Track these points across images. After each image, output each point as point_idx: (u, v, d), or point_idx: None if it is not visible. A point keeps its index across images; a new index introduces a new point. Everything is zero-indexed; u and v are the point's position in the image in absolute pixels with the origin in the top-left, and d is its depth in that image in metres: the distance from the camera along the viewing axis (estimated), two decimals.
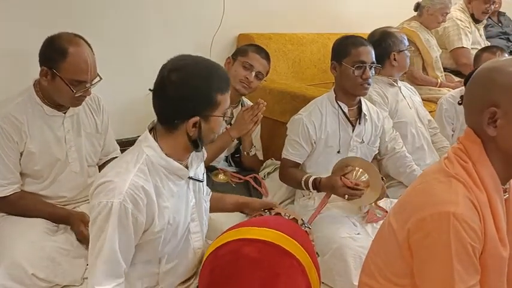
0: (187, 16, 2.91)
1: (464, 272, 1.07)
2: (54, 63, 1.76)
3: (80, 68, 1.78)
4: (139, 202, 1.33)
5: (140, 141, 1.43)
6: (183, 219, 1.48)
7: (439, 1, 3.42)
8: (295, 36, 3.40)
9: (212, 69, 1.42)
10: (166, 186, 1.41)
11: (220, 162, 2.52)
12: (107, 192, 1.31)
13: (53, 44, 1.78)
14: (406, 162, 2.39)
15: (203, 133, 1.40)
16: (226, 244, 1.44)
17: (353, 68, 2.09)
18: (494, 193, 1.13)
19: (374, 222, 2.09)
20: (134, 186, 1.32)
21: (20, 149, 1.83)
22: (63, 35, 1.80)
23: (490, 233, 1.10)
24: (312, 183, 2.08)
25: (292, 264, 1.39)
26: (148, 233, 1.39)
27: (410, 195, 1.21)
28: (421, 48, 3.42)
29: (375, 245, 1.31)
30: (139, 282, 1.48)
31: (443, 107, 2.79)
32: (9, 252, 1.70)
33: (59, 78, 1.77)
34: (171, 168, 1.42)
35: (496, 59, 1.21)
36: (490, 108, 1.11)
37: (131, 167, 1.35)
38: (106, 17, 2.56)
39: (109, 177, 1.33)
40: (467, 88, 1.20)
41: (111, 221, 1.29)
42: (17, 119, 1.81)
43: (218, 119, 1.42)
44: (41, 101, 1.86)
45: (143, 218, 1.34)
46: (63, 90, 1.79)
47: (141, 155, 1.38)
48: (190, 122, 1.37)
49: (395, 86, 2.58)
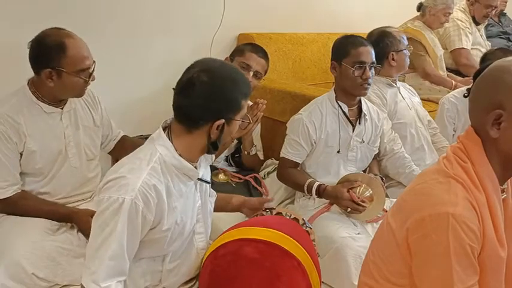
0: (188, 16, 2.91)
1: (462, 273, 1.07)
2: (56, 62, 1.75)
3: (81, 56, 1.79)
4: (151, 201, 1.32)
5: (153, 139, 1.43)
6: (190, 219, 1.48)
7: (442, 1, 3.42)
8: (295, 36, 3.40)
9: (238, 74, 1.45)
10: (176, 186, 1.41)
11: (220, 163, 2.52)
12: (119, 188, 1.30)
13: (45, 44, 1.76)
14: (405, 163, 2.40)
15: (223, 136, 1.41)
16: (227, 244, 1.44)
17: (353, 68, 2.09)
18: (493, 193, 1.13)
19: (374, 222, 2.09)
20: (147, 185, 1.32)
21: (19, 150, 1.82)
22: (48, 32, 1.79)
23: (488, 233, 1.10)
24: (315, 190, 2.09)
25: (293, 264, 1.39)
26: (155, 231, 1.38)
27: (409, 195, 1.21)
28: (427, 46, 3.42)
29: (373, 245, 1.31)
30: (142, 280, 1.48)
31: (445, 107, 2.79)
32: (9, 252, 1.70)
33: (65, 74, 1.77)
34: (183, 169, 1.41)
35: (507, 58, 1.18)
36: (496, 111, 1.10)
37: (144, 165, 1.35)
38: (106, 17, 2.56)
39: (122, 173, 1.32)
40: (476, 82, 1.18)
41: (121, 217, 1.28)
42: (14, 120, 1.80)
43: (237, 123, 1.44)
44: (37, 100, 1.85)
45: (152, 216, 1.34)
46: (74, 84, 1.80)
47: (154, 153, 1.38)
48: (215, 124, 1.37)
49: (394, 86, 2.57)
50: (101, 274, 1.29)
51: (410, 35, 3.37)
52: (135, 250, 1.37)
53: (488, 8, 3.74)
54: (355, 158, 2.24)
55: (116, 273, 1.31)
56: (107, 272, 1.29)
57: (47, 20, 2.18)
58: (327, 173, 2.21)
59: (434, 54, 3.45)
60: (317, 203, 2.17)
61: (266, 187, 2.43)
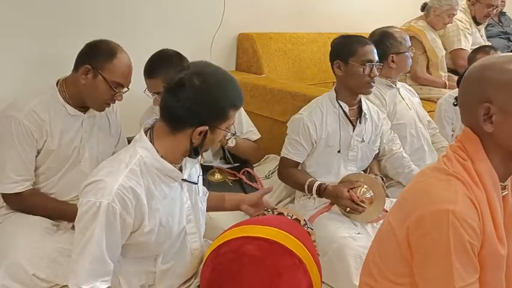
0: (187, 16, 2.91)
1: (463, 270, 1.07)
2: (100, 63, 1.79)
3: (123, 71, 1.83)
4: (128, 203, 1.32)
5: (135, 141, 1.43)
6: (177, 221, 1.47)
7: (446, 2, 3.42)
8: (296, 35, 3.41)
9: (231, 83, 1.42)
10: (158, 188, 1.40)
11: (216, 161, 2.48)
12: (96, 192, 1.31)
13: (100, 46, 1.83)
14: (404, 163, 2.39)
15: (205, 142, 1.40)
16: (228, 242, 1.44)
17: (363, 66, 2.09)
18: (493, 191, 1.13)
19: (374, 222, 2.09)
20: (124, 188, 1.32)
21: (38, 147, 1.84)
22: (107, 41, 1.86)
23: (488, 230, 1.10)
24: (316, 189, 2.09)
25: (294, 263, 1.39)
26: (137, 234, 1.39)
27: (409, 193, 1.21)
28: (428, 47, 3.42)
29: (374, 244, 1.31)
30: (136, 279, 1.49)
31: (442, 107, 2.79)
32: (9, 252, 1.70)
33: (101, 77, 1.80)
34: (165, 170, 1.41)
35: (486, 57, 1.21)
36: (483, 104, 1.11)
37: (123, 168, 1.35)
38: (106, 17, 2.57)
39: (100, 177, 1.33)
40: (460, 87, 1.20)
41: (98, 221, 1.29)
42: (39, 116, 1.82)
43: (222, 132, 1.42)
44: (63, 101, 1.88)
45: (131, 219, 1.34)
46: (101, 90, 1.82)
47: (134, 156, 1.38)
48: (198, 129, 1.36)
49: (393, 87, 2.56)
50: (83, 277, 1.31)
51: (413, 33, 3.38)
52: (118, 253, 1.37)
53: (489, 7, 3.75)
54: (355, 157, 2.24)
55: (99, 275, 1.32)
56: (89, 274, 1.31)
57: (46, 18, 2.19)
58: (328, 172, 2.21)
59: (435, 55, 3.45)
60: (317, 203, 2.18)
61: (260, 180, 2.41)
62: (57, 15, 2.39)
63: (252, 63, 3.18)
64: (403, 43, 2.52)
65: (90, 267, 1.31)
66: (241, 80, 2.95)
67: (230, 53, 3.24)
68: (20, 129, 1.79)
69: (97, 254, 1.31)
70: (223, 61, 3.16)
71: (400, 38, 2.53)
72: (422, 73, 3.43)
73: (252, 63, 3.18)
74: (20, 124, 1.78)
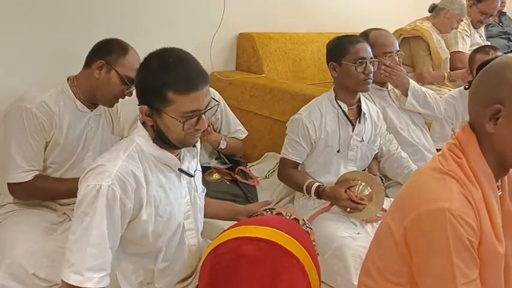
0: (188, 15, 2.91)
1: (464, 266, 1.06)
2: (113, 58, 1.85)
3: (135, 66, 1.82)
4: (128, 187, 1.33)
5: (134, 131, 1.46)
6: (176, 212, 1.48)
7: (459, 6, 3.42)
8: (296, 35, 3.41)
9: (180, 66, 1.35)
10: (155, 176, 1.41)
11: (213, 161, 2.49)
12: (96, 176, 1.31)
13: (112, 42, 1.89)
14: (403, 163, 2.38)
15: (161, 128, 1.39)
16: (227, 242, 1.44)
17: (355, 64, 2.09)
18: (489, 189, 1.13)
19: (374, 222, 2.09)
20: (124, 170, 1.32)
21: (46, 139, 1.86)
22: (118, 39, 1.92)
23: (485, 228, 1.10)
24: (314, 190, 2.10)
25: (293, 263, 1.39)
26: (135, 223, 1.38)
27: (405, 193, 1.21)
28: (433, 48, 3.41)
29: (373, 245, 1.31)
30: (134, 276, 1.49)
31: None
32: (9, 252, 1.70)
33: (114, 73, 1.85)
34: (161, 157, 1.43)
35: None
36: (495, 105, 1.10)
37: (121, 154, 1.37)
38: (106, 16, 2.57)
39: (99, 163, 1.34)
40: (478, 75, 1.17)
41: (98, 204, 1.28)
42: (50, 108, 1.84)
43: (173, 120, 1.35)
44: (74, 96, 1.91)
45: (131, 203, 1.34)
46: (114, 85, 1.86)
47: (131, 143, 1.41)
48: (141, 108, 1.39)
49: (383, 90, 2.54)
50: (82, 264, 1.27)
51: (419, 33, 3.38)
52: (117, 243, 1.36)
53: (482, 14, 3.73)
54: (355, 157, 2.24)
55: (98, 265, 1.28)
56: (89, 261, 1.27)
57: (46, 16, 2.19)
58: (327, 172, 2.21)
59: (439, 56, 3.44)
60: (317, 203, 2.18)
61: (255, 177, 2.44)
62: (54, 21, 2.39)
63: (252, 63, 3.18)
64: (389, 46, 2.42)
65: (90, 252, 1.27)
66: (241, 80, 2.96)
67: (230, 53, 3.23)
68: (31, 119, 1.80)
69: (98, 238, 1.28)
70: (223, 61, 3.16)
71: (387, 41, 2.43)
72: (426, 72, 3.42)
73: (252, 63, 3.18)
74: (32, 114, 1.80)
